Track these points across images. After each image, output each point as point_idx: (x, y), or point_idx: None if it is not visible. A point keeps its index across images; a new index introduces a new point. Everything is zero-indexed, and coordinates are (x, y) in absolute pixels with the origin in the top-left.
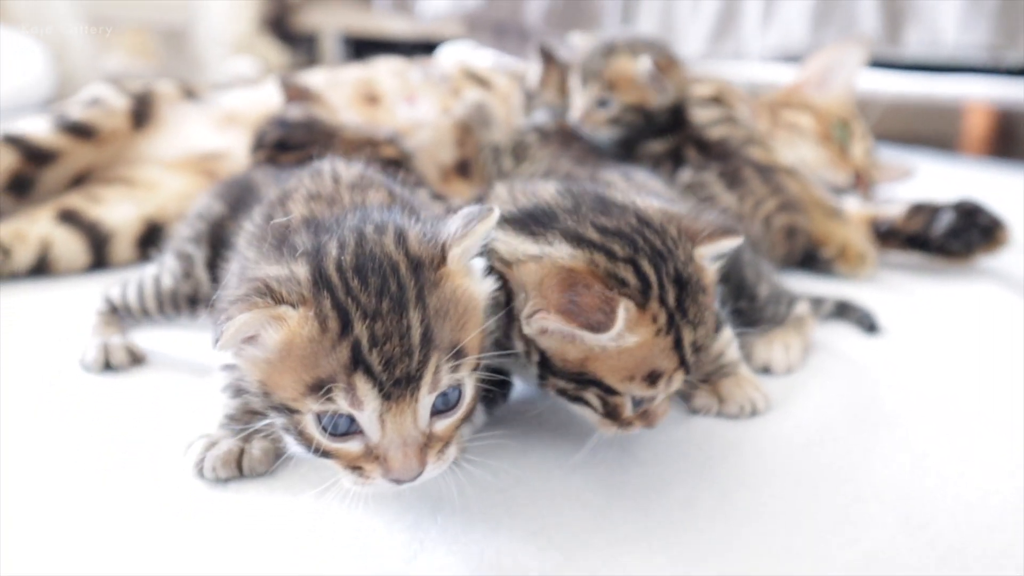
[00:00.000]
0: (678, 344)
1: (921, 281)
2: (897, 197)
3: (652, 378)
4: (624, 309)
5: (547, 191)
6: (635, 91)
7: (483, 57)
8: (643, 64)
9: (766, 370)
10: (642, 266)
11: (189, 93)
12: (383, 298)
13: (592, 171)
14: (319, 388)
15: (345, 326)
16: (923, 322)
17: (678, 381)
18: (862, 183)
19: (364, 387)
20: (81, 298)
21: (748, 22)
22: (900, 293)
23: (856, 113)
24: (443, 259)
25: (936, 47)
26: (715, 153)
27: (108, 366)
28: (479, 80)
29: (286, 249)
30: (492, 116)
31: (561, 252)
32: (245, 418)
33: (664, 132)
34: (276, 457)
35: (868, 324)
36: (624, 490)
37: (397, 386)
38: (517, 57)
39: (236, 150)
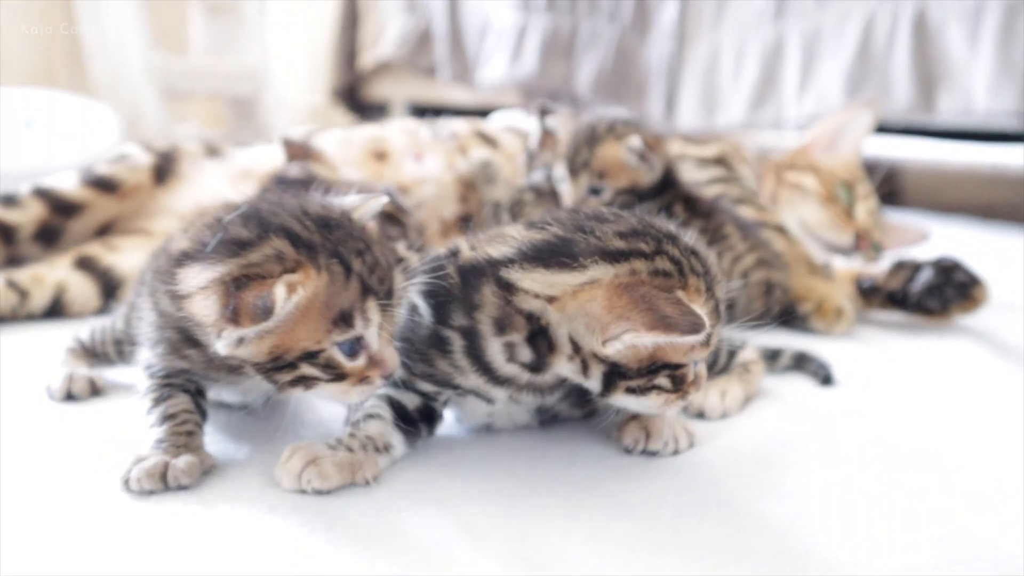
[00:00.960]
0: (711, 297)
1: (896, 337)
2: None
3: (707, 340)
4: (688, 300)
5: (516, 230)
6: (625, 175)
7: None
8: (633, 146)
9: (700, 415)
10: (670, 251)
11: (212, 151)
12: (354, 241)
13: None
14: (342, 319)
15: (347, 268)
16: (881, 376)
17: (718, 333)
18: (864, 244)
19: (372, 307)
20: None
21: (786, 89)
22: (870, 347)
23: (862, 175)
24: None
25: (968, 115)
26: (701, 210)
27: (70, 395)
28: (487, 139)
29: (239, 237)
30: (497, 174)
31: (606, 272)
32: (172, 439)
33: (655, 194)
34: (201, 471)
35: (823, 376)
36: (517, 516)
37: (388, 299)
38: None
39: None
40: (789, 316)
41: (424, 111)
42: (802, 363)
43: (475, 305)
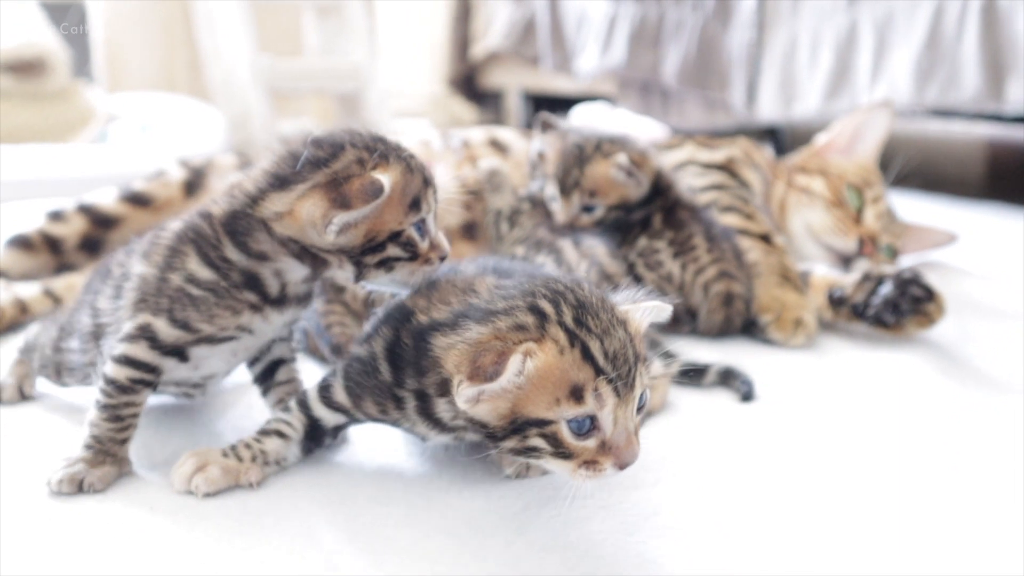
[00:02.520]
0: (586, 354)
1: (854, 350)
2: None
3: (576, 394)
4: (521, 352)
5: (483, 285)
6: (615, 191)
7: (611, 117)
8: (621, 163)
9: None
10: (539, 305)
11: (245, 163)
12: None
13: (554, 236)
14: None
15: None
16: (812, 392)
17: (607, 395)
18: (869, 248)
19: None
20: None
21: (859, 78)
22: (822, 360)
23: (875, 179)
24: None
25: None
26: (674, 222)
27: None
28: (499, 147)
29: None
30: (503, 182)
31: (472, 333)
32: (105, 445)
33: (643, 206)
34: (117, 477)
35: (744, 392)
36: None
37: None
38: (659, 117)
39: None
40: (754, 328)
41: (536, 99)
42: (727, 379)
43: (424, 370)
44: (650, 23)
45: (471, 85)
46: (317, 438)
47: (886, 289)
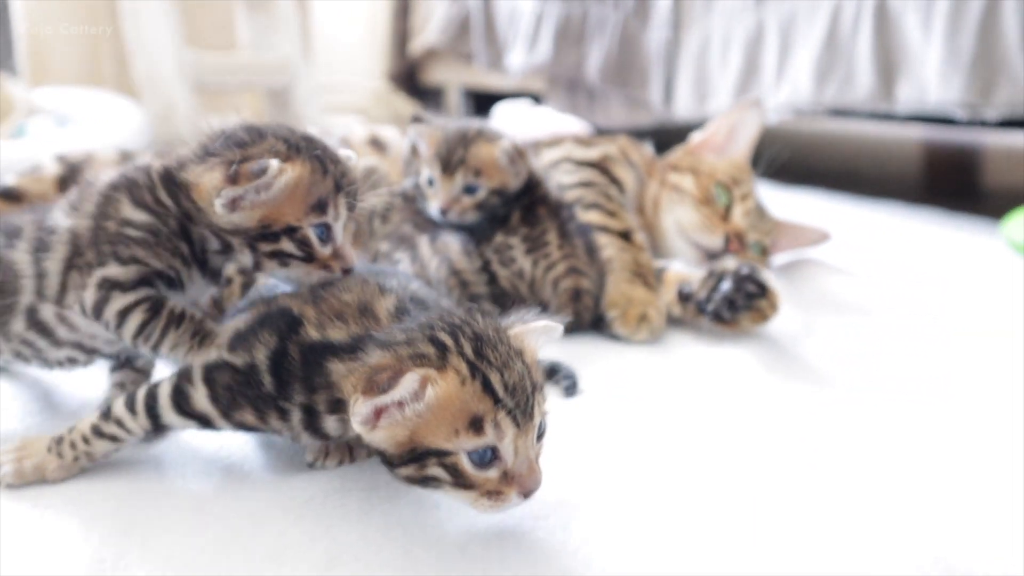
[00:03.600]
0: (487, 386)
1: (696, 346)
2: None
3: (476, 425)
4: (419, 375)
5: (381, 308)
6: (498, 175)
7: (534, 115)
8: (506, 147)
9: None
10: (439, 337)
11: (126, 158)
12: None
13: (416, 232)
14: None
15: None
16: (642, 386)
17: (506, 426)
18: (735, 245)
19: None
20: None
21: (766, 77)
22: (658, 356)
23: (747, 176)
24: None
25: (922, 104)
26: (530, 219)
27: None
28: (379, 146)
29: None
30: (381, 181)
31: (373, 359)
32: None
33: (515, 200)
34: None
35: (567, 387)
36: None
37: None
38: (585, 115)
39: None
40: (602, 324)
41: (475, 96)
42: (552, 374)
43: (315, 387)
44: (574, 20)
45: (413, 81)
46: (152, 440)
47: (726, 285)
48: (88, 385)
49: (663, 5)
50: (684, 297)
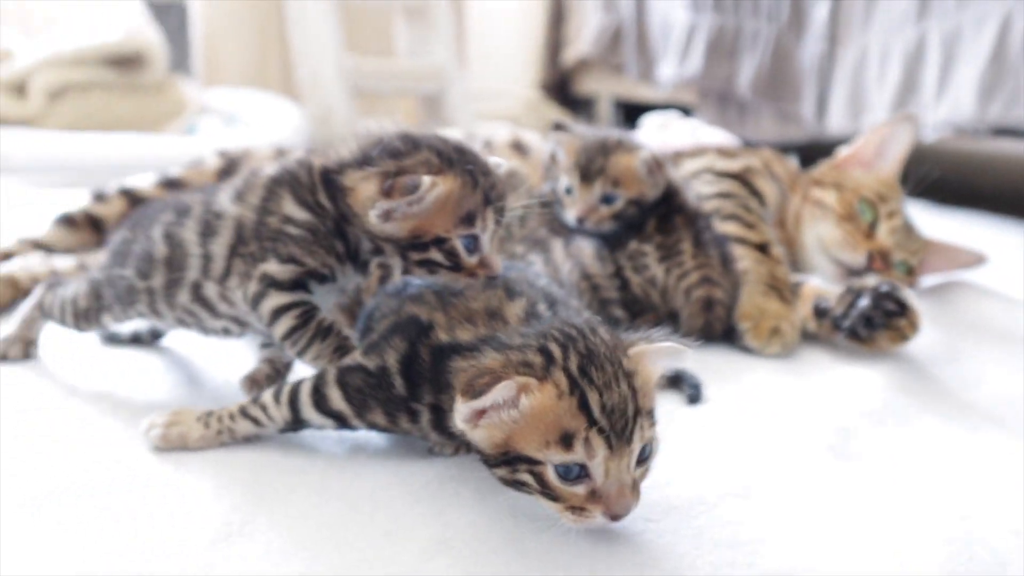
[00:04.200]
0: (583, 404)
1: (830, 362)
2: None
3: (566, 440)
4: (515, 383)
5: (512, 312)
6: (636, 185)
7: (682, 126)
8: (645, 158)
9: None
10: (549, 347)
11: (280, 154)
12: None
13: (550, 236)
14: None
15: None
16: (767, 398)
17: (598, 446)
18: (879, 263)
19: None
20: None
21: (925, 93)
22: (789, 372)
23: (896, 193)
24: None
25: None
26: (666, 227)
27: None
28: (521, 149)
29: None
30: (521, 183)
31: (485, 359)
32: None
33: (652, 210)
34: None
35: (691, 395)
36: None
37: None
38: (735, 129)
39: None
40: (734, 334)
41: (625, 106)
42: (677, 382)
43: (442, 387)
44: (727, 33)
45: (565, 91)
46: (290, 431)
47: (863, 302)
48: (232, 366)
49: (819, 18)
50: (820, 312)
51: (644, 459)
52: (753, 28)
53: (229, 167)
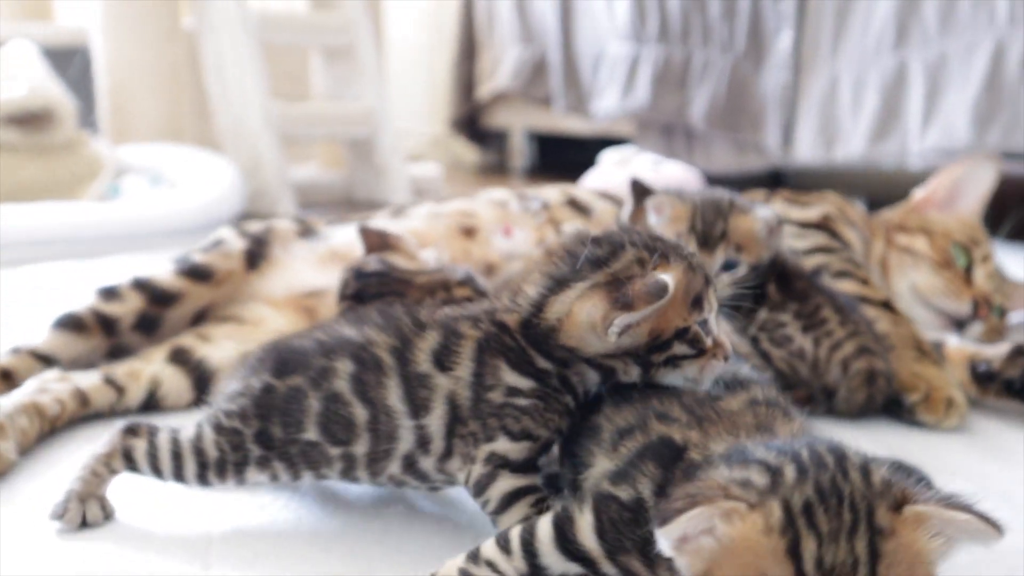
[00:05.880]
0: (793, 551)
1: (1014, 431)
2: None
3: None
4: (717, 509)
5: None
6: (756, 249)
7: (642, 161)
8: (766, 217)
9: None
10: (784, 468)
11: (306, 231)
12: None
13: None
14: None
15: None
16: (996, 481)
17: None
18: (984, 311)
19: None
20: None
21: (910, 121)
22: (983, 442)
23: (981, 236)
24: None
25: None
26: (795, 290)
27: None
28: (580, 207)
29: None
30: None
31: (714, 475)
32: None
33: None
34: None
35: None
36: None
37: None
38: (683, 159)
39: (334, 287)
40: (894, 407)
41: (543, 140)
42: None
43: None
44: (675, 64)
45: (473, 126)
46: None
47: None
48: None
49: (782, 48)
50: (983, 376)
51: None
52: (703, 58)
53: (257, 248)
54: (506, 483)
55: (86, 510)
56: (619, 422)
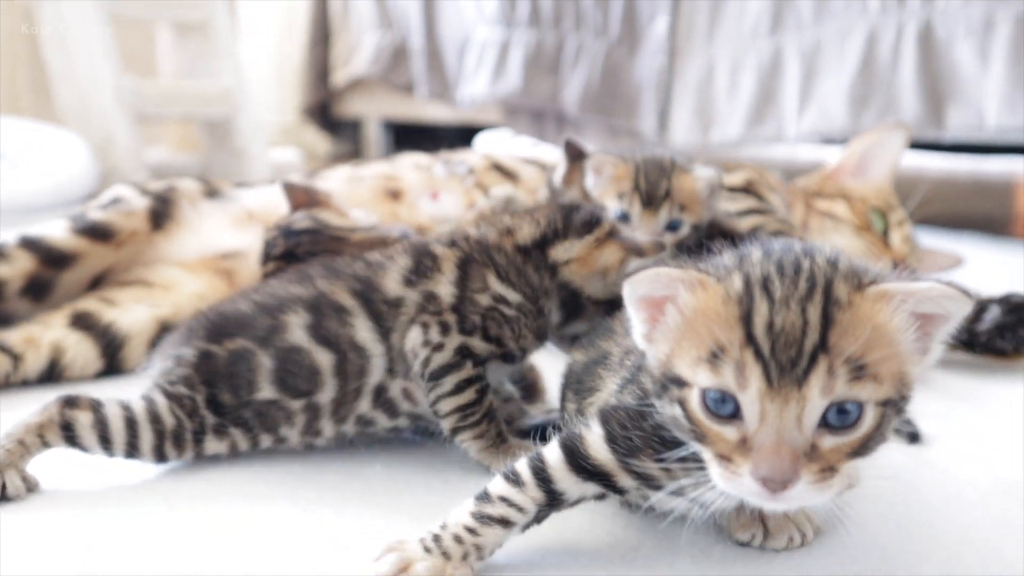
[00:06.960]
0: (746, 316)
1: (965, 380)
2: None
3: (714, 357)
4: (676, 269)
5: None
6: (698, 209)
7: (520, 144)
8: (706, 176)
9: None
10: (752, 253)
11: (212, 192)
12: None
13: None
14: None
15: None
16: (968, 428)
17: (751, 374)
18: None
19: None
20: None
21: (786, 105)
22: (945, 395)
23: (895, 201)
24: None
25: (979, 130)
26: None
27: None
28: (506, 173)
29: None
30: (519, 208)
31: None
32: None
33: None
34: None
35: (909, 433)
36: None
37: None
38: (555, 144)
39: (254, 249)
40: None
41: (400, 129)
42: None
43: None
44: (548, 49)
45: (326, 114)
46: (542, 518)
47: (992, 314)
48: None
49: (657, 33)
50: None
51: (841, 426)
52: (577, 43)
53: (162, 207)
54: (465, 372)
55: (6, 480)
56: (627, 344)
